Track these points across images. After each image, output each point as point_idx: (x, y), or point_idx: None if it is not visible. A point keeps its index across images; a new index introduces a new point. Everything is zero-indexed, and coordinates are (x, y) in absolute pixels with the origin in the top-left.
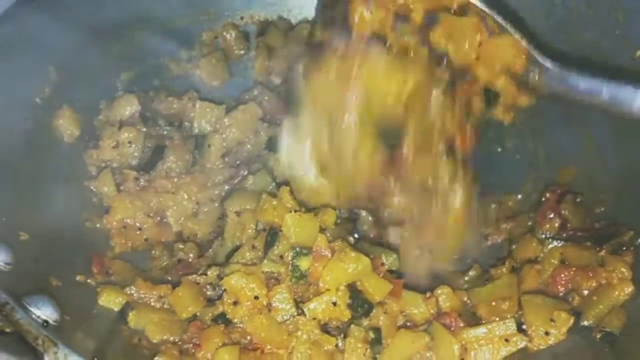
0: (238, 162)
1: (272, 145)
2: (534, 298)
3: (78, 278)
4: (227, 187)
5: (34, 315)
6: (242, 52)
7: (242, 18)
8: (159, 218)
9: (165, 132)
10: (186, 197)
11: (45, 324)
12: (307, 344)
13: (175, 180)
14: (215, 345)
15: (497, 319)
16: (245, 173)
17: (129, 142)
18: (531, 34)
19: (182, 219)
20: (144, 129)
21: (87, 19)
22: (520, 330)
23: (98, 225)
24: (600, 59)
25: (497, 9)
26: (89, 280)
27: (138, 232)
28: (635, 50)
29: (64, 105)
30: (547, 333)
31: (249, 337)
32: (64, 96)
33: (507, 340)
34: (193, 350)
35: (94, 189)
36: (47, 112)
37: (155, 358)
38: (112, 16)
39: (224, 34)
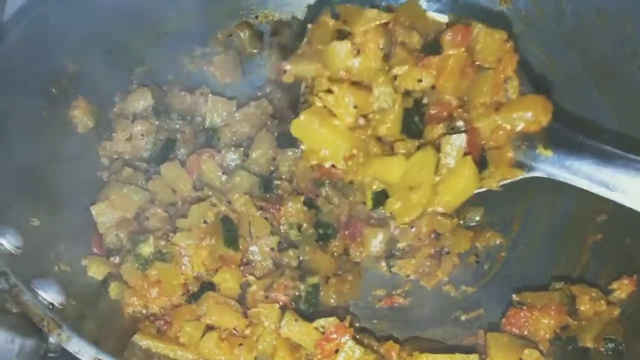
0: None
1: (281, 141)
2: (499, 336)
3: (83, 262)
4: None
5: (40, 298)
6: (255, 50)
7: (256, 17)
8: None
9: (177, 126)
10: None
11: (51, 307)
12: (274, 333)
13: None
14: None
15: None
16: None
17: (142, 135)
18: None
19: None
20: (157, 122)
21: (104, 13)
22: None
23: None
24: (608, 69)
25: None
26: None
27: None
28: None
29: (79, 97)
30: None
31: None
32: (80, 88)
33: None
34: (165, 328)
35: (106, 180)
36: (63, 103)
37: (135, 335)
38: (129, 10)
39: (238, 32)
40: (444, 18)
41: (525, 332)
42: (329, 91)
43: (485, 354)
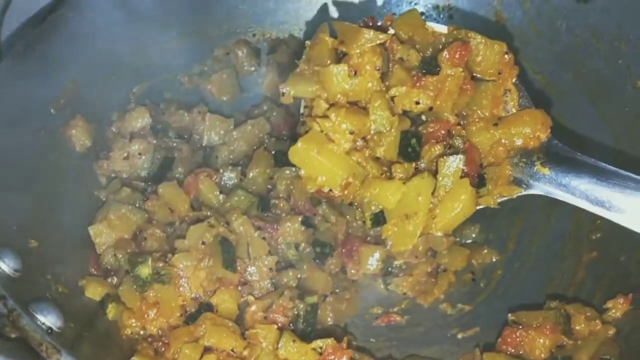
0: None
1: (278, 159)
2: (496, 356)
3: (81, 283)
4: None
5: (38, 322)
6: (252, 68)
7: (254, 35)
8: None
9: (174, 144)
10: None
11: (49, 331)
12: (272, 354)
13: None
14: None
15: None
16: None
17: (139, 154)
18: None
19: None
20: (154, 141)
21: (102, 33)
22: None
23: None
24: (603, 87)
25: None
26: None
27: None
28: (637, 80)
29: (77, 116)
30: None
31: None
32: (78, 107)
33: None
34: (163, 349)
35: (104, 199)
36: (61, 122)
37: (133, 358)
38: (126, 30)
39: (236, 50)
40: (443, 29)
41: (521, 352)
42: (326, 116)
43: None
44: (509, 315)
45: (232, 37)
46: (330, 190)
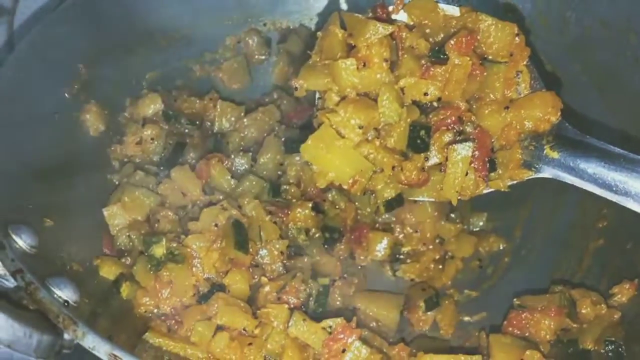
0: None
1: (288, 147)
2: (502, 338)
3: (95, 262)
4: None
5: (55, 296)
6: (263, 57)
7: (265, 24)
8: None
9: (186, 130)
10: None
11: (66, 304)
12: (283, 333)
13: None
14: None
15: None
16: None
17: (152, 139)
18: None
19: None
20: (166, 127)
21: (117, 21)
22: None
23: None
24: (611, 78)
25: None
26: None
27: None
28: None
29: (91, 101)
30: None
31: None
32: (92, 93)
33: None
34: (176, 327)
35: (117, 182)
36: (75, 107)
37: (146, 334)
38: (140, 19)
39: (247, 39)
40: (455, 11)
41: (527, 334)
42: (335, 111)
43: (487, 354)
44: (515, 299)
45: (243, 26)
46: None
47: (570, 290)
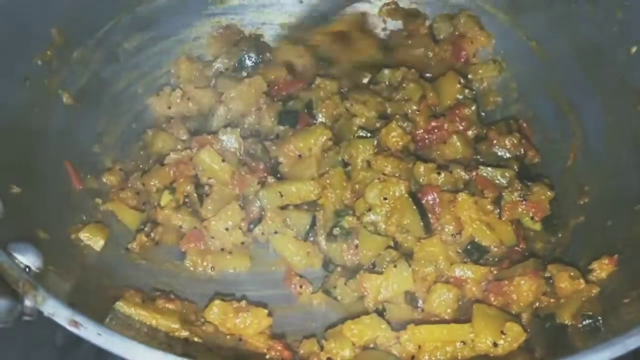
0: None
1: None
2: (486, 308)
3: (72, 236)
4: None
5: (17, 261)
6: None
7: None
8: None
9: None
10: None
11: (27, 270)
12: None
13: None
14: None
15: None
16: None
17: None
18: None
19: None
20: None
21: None
22: None
23: (94, 186)
24: (596, 54)
25: None
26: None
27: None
28: (631, 47)
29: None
30: (495, 344)
31: None
32: (65, 61)
33: (464, 343)
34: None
35: (97, 151)
36: (47, 75)
37: (118, 302)
38: None
39: None
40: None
41: (509, 302)
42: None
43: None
44: (493, 270)
45: None
46: None
47: (548, 265)
